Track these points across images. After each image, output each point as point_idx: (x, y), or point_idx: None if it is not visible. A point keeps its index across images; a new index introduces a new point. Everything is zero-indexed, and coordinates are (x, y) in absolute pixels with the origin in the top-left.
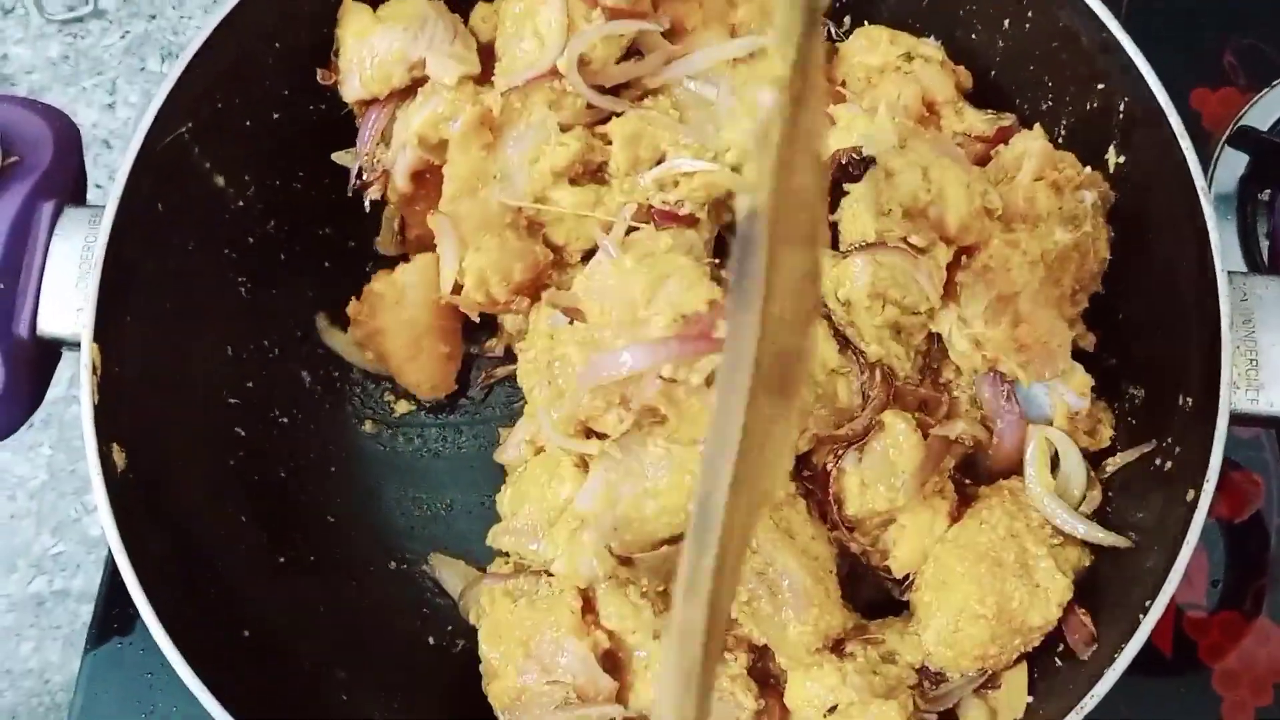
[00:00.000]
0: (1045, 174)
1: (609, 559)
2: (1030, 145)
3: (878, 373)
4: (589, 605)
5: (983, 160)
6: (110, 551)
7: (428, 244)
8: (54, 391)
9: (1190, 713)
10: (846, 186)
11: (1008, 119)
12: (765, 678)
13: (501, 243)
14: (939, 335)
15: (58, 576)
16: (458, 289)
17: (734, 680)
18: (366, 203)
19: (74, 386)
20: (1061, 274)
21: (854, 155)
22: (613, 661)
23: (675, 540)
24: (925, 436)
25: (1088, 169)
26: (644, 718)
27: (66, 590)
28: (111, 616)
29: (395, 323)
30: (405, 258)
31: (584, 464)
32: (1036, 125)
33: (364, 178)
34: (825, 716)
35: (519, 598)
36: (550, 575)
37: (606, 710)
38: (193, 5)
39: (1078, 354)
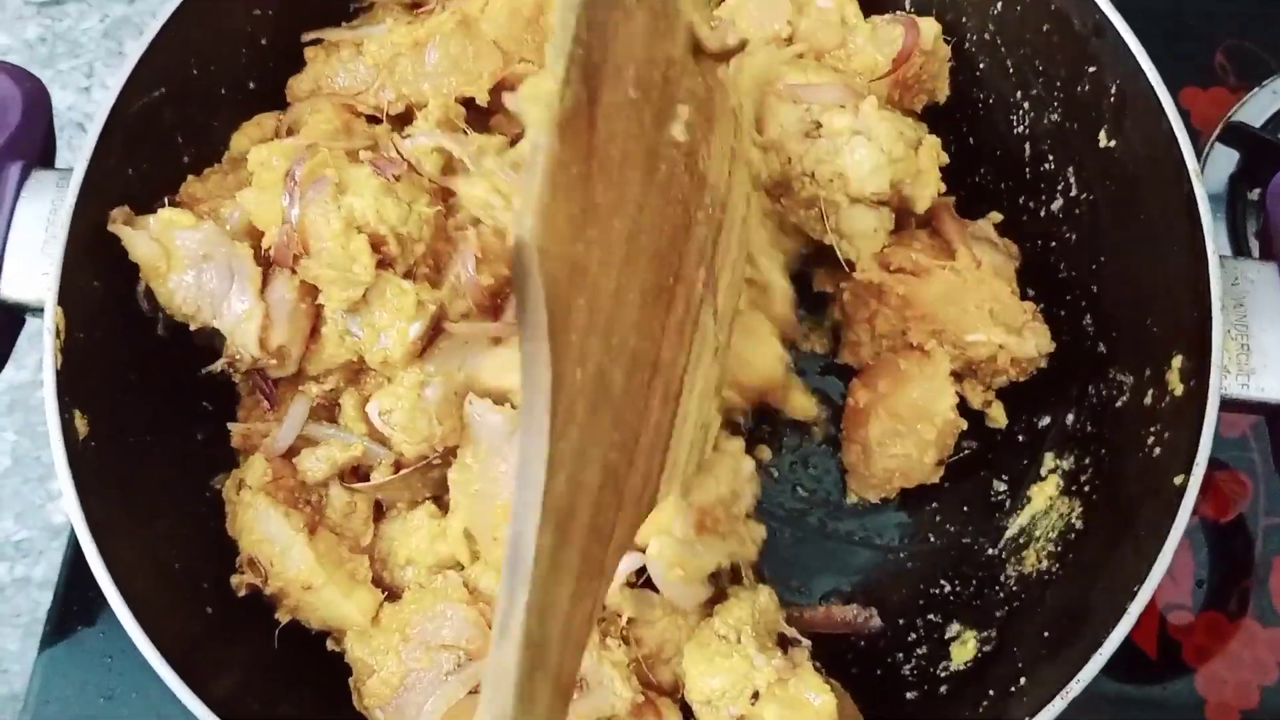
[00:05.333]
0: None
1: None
2: None
3: None
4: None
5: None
6: (71, 536)
7: None
8: (19, 375)
9: (1174, 715)
10: None
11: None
12: (647, 681)
13: None
14: None
15: (19, 563)
16: None
17: (615, 667)
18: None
19: (41, 371)
20: None
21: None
22: None
23: None
24: None
25: None
26: None
27: (28, 578)
28: (72, 599)
29: None
30: None
31: None
32: None
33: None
34: (752, 704)
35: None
36: None
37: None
38: None
39: None
